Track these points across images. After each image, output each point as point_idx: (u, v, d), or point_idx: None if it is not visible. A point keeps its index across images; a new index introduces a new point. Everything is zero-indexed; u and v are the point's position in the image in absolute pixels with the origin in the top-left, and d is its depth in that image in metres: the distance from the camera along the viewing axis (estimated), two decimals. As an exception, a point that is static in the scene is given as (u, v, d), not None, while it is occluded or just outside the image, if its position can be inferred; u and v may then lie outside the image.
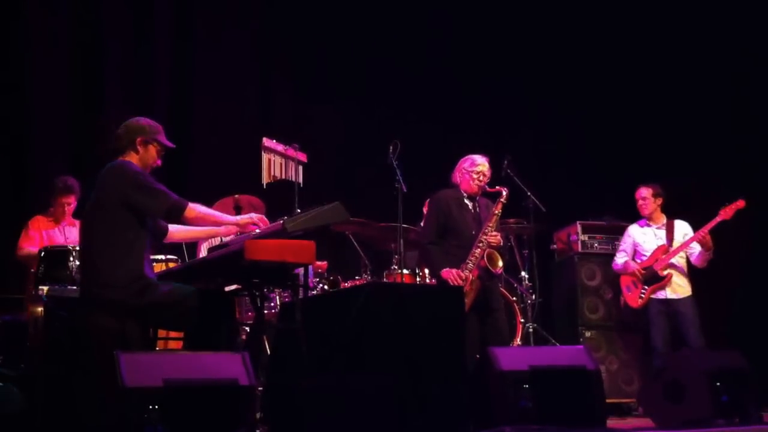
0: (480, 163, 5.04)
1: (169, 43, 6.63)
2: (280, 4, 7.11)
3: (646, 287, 5.76)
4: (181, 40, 6.69)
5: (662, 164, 6.82)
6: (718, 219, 5.61)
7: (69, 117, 6.17)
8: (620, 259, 5.99)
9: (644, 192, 5.92)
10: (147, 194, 3.55)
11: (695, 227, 5.80)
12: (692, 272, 5.83)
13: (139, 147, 3.71)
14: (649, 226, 5.95)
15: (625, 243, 6.02)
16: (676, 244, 5.80)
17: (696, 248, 5.75)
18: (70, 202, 5.17)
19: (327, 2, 7.15)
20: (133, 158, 3.71)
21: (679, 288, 5.76)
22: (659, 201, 5.92)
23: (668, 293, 5.74)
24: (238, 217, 3.89)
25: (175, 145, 3.86)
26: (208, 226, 3.87)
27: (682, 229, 5.89)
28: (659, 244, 5.84)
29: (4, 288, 5.26)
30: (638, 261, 5.92)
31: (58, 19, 6.23)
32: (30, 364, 4.20)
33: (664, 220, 5.93)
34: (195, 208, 3.64)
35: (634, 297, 5.83)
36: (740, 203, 5.63)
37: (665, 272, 5.73)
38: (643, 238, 5.93)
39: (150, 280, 3.58)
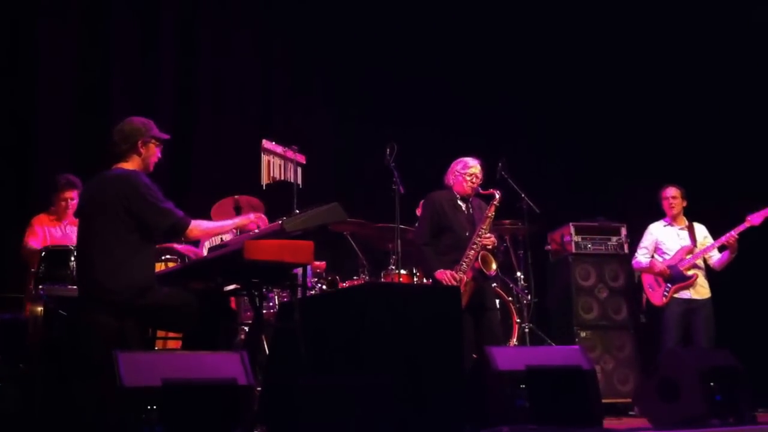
0: (472, 166, 5.06)
1: (172, 47, 6.66)
2: (281, 9, 7.14)
3: (669, 285, 5.76)
4: (185, 44, 6.72)
5: (658, 166, 6.86)
6: (746, 224, 5.63)
7: (73, 119, 6.19)
8: (643, 257, 5.96)
9: (674, 191, 5.93)
10: (153, 210, 3.56)
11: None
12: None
13: (141, 149, 3.72)
14: (672, 225, 5.96)
15: (647, 240, 6.00)
16: (699, 245, 5.84)
17: (716, 252, 5.79)
18: (73, 197, 5.15)
19: (327, 7, 7.18)
20: (135, 161, 3.72)
21: (702, 289, 5.79)
22: (685, 203, 5.96)
23: (692, 294, 5.76)
24: (237, 219, 3.91)
25: (169, 136, 3.87)
26: (210, 238, 3.93)
27: (702, 231, 5.93)
28: (682, 244, 5.85)
29: (4, 287, 5.26)
30: (660, 259, 5.92)
31: (65, 23, 6.25)
32: (29, 363, 4.20)
33: (686, 221, 5.96)
34: (197, 227, 3.67)
35: (657, 295, 5.80)
36: None
37: (690, 272, 5.75)
38: (666, 236, 5.94)
39: (151, 282, 3.60)
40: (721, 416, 3.99)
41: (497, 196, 5.01)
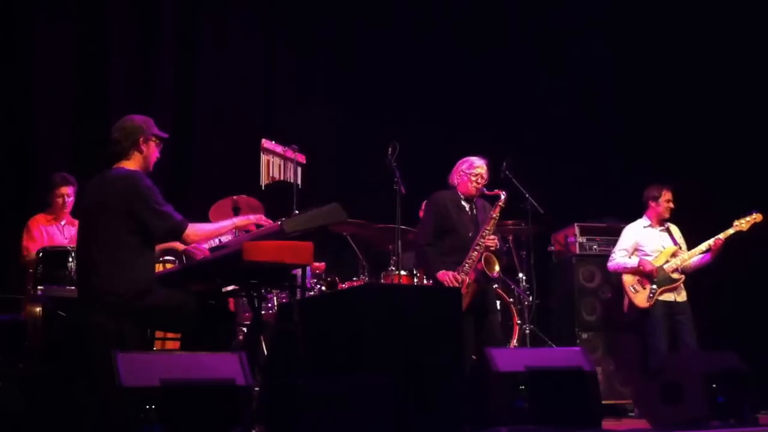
0: (478, 166, 5.04)
1: (172, 44, 6.66)
2: (283, 5, 7.14)
3: (655, 287, 5.66)
4: (186, 43, 6.73)
5: (657, 168, 6.85)
6: (733, 230, 5.57)
7: (72, 119, 6.20)
8: (623, 258, 5.85)
9: (670, 195, 5.86)
10: (152, 213, 3.55)
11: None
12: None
13: (142, 147, 3.71)
14: (652, 227, 5.90)
15: (627, 242, 5.88)
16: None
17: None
18: (69, 194, 5.15)
19: (329, 5, 7.18)
20: (137, 160, 3.71)
21: (683, 292, 5.73)
22: None
23: (676, 297, 5.70)
24: (235, 220, 3.90)
25: (168, 135, 3.86)
26: (209, 241, 3.92)
27: (677, 233, 5.89)
28: (664, 245, 5.80)
29: (3, 288, 5.26)
30: None
31: (64, 22, 6.26)
32: (28, 364, 4.21)
33: (665, 223, 5.93)
34: (194, 231, 3.65)
35: (643, 297, 5.68)
36: (758, 217, 5.57)
37: (675, 275, 5.67)
38: (647, 238, 5.85)
39: (150, 284, 3.59)
40: (722, 418, 3.98)
41: (503, 197, 4.98)
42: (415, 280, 5.52)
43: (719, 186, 6.67)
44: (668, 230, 5.88)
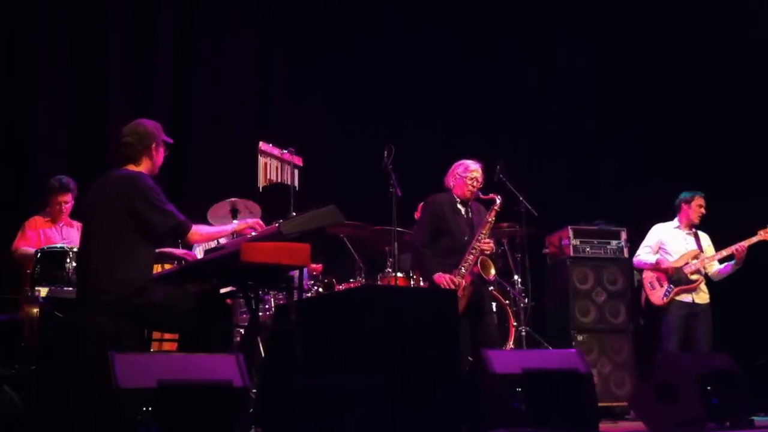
0: (474, 169, 5.06)
1: (169, 49, 6.67)
2: (279, 10, 7.15)
3: (672, 286, 5.74)
4: (182, 48, 6.73)
5: (655, 169, 6.87)
6: (757, 238, 5.63)
7: (70, 122, 6.19)
8: (646, 255, 5.96)
9: (702, 200, 5.92)
10: (155, 212, 3.57)
11: None
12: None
13: (153, 152, 3.77)
14: (680, 229, 5.96)
15: (651, 240, 5.99)
16: (704, 252, 5.85)
17: (716, 263, 5.81)
18: (67, 201, 5.16)
19: (325, 9, 7.19)
20: (146, 164, 3.75)
21: (703, 294, 5.80)
22: None
23: (695, 298, 5.76)
24: (236, 224, 3.93)
25: (172, 140, 3.92)
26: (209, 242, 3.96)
27: (706, 240, 5.95)
28: (689, 248, 5.86)
29: (0, 288, 5.26)
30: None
31: (63, 27, 6.27)
32: (25, 365, 4.20)
33: (694, 228, 5.97)
34: (198, 231, 3.70)
35: (658, 295, 5.78)
36: None
37: (694, 276, 5.75)
38: (673, 238, 5.93)
39: (147, 283, 3.59)
40: (718, 420, 3.99)
41: (498, 201, 4.99)
42: (412, 281, 5.53)
43: (713, 188, 6.68)
44: (695, 235, 5.94)
